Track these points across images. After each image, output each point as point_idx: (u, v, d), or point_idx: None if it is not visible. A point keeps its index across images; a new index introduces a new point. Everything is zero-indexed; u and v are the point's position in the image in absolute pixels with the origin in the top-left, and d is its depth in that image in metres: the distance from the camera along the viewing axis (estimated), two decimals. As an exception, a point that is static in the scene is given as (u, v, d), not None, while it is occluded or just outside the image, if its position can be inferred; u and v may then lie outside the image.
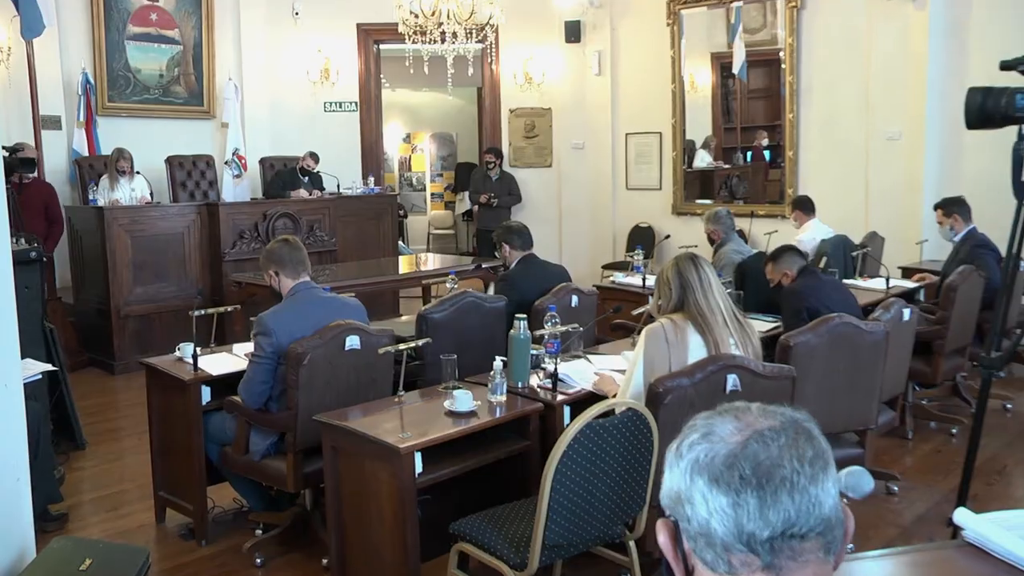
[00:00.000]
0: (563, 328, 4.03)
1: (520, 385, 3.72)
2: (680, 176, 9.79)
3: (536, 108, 10.77)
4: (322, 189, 9.18)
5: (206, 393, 4.10)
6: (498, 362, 3.59)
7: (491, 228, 8.67)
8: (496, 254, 5.43)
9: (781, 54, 8.75)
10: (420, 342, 3.95)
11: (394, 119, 15.18)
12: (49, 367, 4.30)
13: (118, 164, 7.90)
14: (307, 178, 9.17)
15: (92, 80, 8.68)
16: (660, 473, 1.18)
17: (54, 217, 7.71)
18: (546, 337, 3.98)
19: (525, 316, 3.80)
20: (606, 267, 9.71)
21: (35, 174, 7.67)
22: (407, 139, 15.92)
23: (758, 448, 1.07)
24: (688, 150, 9.78)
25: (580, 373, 3.86)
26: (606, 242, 10.49)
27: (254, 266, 6.99)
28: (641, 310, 4.63)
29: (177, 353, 4.35)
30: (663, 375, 3.12)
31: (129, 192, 7.94)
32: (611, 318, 5.13)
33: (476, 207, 10.56)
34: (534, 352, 3.89)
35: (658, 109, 9.79)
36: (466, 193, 13.46)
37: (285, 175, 9.22)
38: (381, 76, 10.88)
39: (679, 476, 1.11)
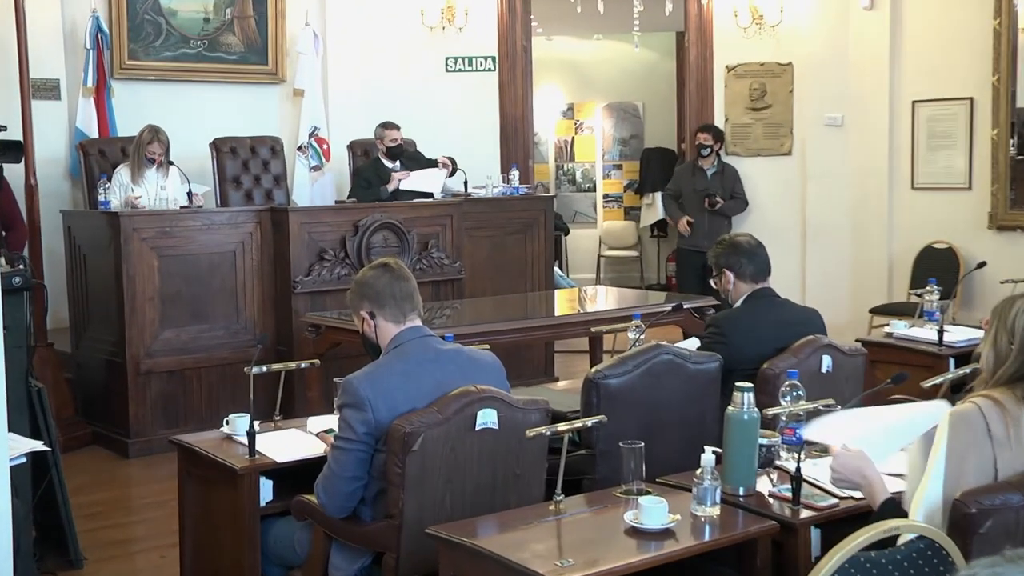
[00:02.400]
0: (810, 405, 4.00)
1: (742, 492, 3.72)
2: (1004, 168, 9.56)
3: (768, 64, 10.77)
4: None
5: (267, 489, 4.24)
6: (708, 455, 3.59)
7: (701, 248, 8.66)
8: (712, 283, 5.37)
9: None
10: (589, 421, 3.98)
11: (550, 82, 15.41)
12: (38, 445, 4.49)
13: (148, 148, 8.14)
14: (397, 162, 9.12)
15: (106, 28, 8.99)
16: None
17: (12, 220, 7.83)
18: (783, 419, 3.96)
19: (751, 385, 3.79)
20: (877, 311, 9.63)
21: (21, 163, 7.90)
22: (569, 112, 16.11)
23: None
24: (1019, 126, 9.55)
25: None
26: (878, 272, 10.37)
27: (339, 301, 7.17)
28: (938, 380, 4.53)
29: (225, 428, 4.52)
30: (978, 487, 3.05)
31: (157, 191, 8.15)
32: (887, 392, 5.03)
33: (674, 218, 10.54)
34: (764, 442, 3.88)
35: (968, 61, 9.63)
36: (658, 195, 13.48)
37: (366, 172, 9.12)
38: (531, 19, 11.07)
39: None
